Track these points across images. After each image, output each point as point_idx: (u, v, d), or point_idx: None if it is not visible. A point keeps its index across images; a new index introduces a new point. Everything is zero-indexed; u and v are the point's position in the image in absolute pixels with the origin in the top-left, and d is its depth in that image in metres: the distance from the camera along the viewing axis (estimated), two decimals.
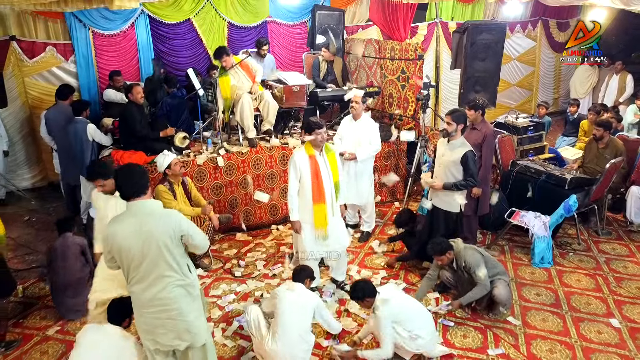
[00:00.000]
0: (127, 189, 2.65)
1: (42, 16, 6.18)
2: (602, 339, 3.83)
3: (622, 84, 8.80)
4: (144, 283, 2.67)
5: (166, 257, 2.64)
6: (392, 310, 3.38)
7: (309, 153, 4.05)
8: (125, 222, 2.65)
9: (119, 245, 2.61)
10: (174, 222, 2.68)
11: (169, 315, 2.71)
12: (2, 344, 3.81)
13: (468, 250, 3.97)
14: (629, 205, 5.57)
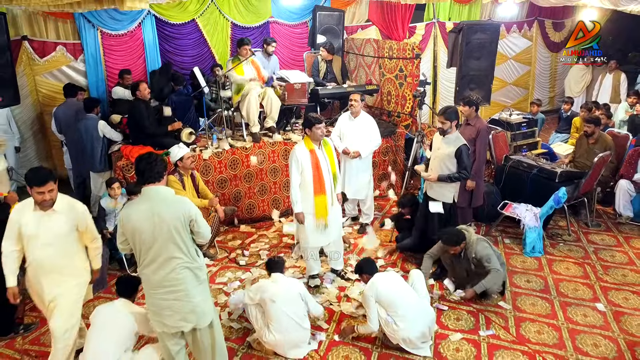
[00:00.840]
0: (146, 174, 2.87)
1: (53, 17, 6.41)
2: (587, 321, 4.06)
3: (616, 83, 9.02)
4: (154, 264, 2.87)
5: (176, 239, 2.84)
6: (375, 291, 3.64)
7: (309, 147, 4.27)
8: (140, 206, 2.87)
9: (132, 227, 2.83)
10: (184, 208, 2.89)
11: (176, 297, 2.90)
12: (21, 326, 4.03)
13: (480, 243, 4.20)
14: (618, 198, 5.80)
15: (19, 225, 3.11)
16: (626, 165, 5.82)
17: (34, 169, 3.18)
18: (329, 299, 4.41)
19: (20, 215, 3.13)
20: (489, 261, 4.12)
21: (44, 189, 3.03)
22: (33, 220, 3.12)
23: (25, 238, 3.14)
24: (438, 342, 3.82)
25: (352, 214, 5.89)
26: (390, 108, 6.97)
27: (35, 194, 3.04)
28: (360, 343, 3.82)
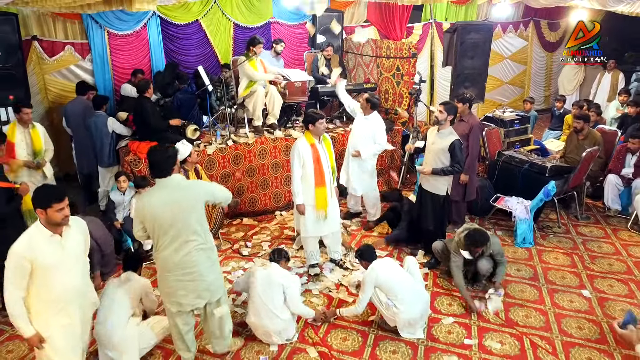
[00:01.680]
0: (160, 166, 3.10)
1: (61, 17, 6.62)
2: (573, 306, 4.29)
3: (615, 82, 9.22)
4: (172, 248, 3.10)
5: (192, 222, 3.10)
6: (374, 275, 3.85)
7: (310, 142, 4.50)
8: (156, 194, 3.11)
9: (152, 214, 3.05)
10: (196, 191, 3.17)
11: (191, 277, 3.16)
12: None
13: (494, 239, 4.42)
14: (606, 192, 6.02)
15: (30, 263, 2.69)
16: (614, 160, 6.04)
17: (44, 188, 2.86)
18: (328, 286, 4.63)
19: (30, 250, 2.69)
20: (502, 255, 4.42)
21: (64, 204, 2.73)
22: (51, 248, 2.76)
23: (41, 273, 2.73)
24: (431, 325, 4.05)
25: (354, 210, 6.08)
26: (387, 106, 7.19)
27: (55, 212, 2.69)
28: (357, 326, 4.05)
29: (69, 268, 2.83)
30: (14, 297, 2.72)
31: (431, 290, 4.55)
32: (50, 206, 2.68)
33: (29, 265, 2.69)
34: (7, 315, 4.10)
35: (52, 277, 2.76)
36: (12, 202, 3.98)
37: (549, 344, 3.81)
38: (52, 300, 2.81)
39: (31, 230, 2.78)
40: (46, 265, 2.72)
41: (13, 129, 5.08)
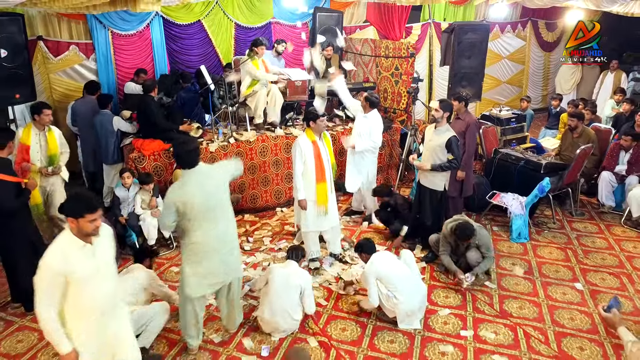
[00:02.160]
0: (188, 158, 3.33)
1: (66, 17, 6.74)
2: (566, 298, 4.41)
3: (617, 82, 9.33)
4: (213, 227, 3.37)
5: (224, 202, 3.46)
6: (374, 268, 3.98)
7: (311, 139, 4.63)
8: (190, 183, 3.31)
9: (191, 202, 3.25)
10: (221, 173, 3.49)
11: (230, 252, 3.52)
12: None
13: (482, 231, 4.56)
14: (601, 189, 6.15)
15: (64, 277, 2.54)
16: (608, 157, 6.16)
17: (77, 197, 2.67)
18: (328, 279, 4.76)
19: (65, 263, 2.54)
20: (488, 250, 4.54)
21: (97, 215, 2.60)
22: (84, 259, 2.62)
23: (76, 285, 2.58)
24: (428, 317, 4.17)
25: (355, 207, 6.19)
26: (386, 105, 7.32)
27: (87, 223, 2.55)
28: (356, 317, 4.17)
29: (102, 277, 2.71)
30: (49, 314, 2.56)
31: (428, 283, 4.68)
32: (83, 216, 2.54)
33: (64, 279, 2.53)
34: (16, 307, 4.29)
35: (87, 289, 2.62)
36: (20, 196, 4.07)
37: (542, 334, 3.94)
38: (87, 312, 2.67)
39: (62, 240, 2.61)
40: (81, 277, 2.58)
41: (29, 131, 4.85)
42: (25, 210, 4.23)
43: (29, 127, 4.87)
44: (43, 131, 4.92)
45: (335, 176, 4.87)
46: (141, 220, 5.18)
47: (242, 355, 3.74)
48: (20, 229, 4.11)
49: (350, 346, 3.83)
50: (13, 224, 4.04)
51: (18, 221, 4.08)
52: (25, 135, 4.79)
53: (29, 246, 4.18)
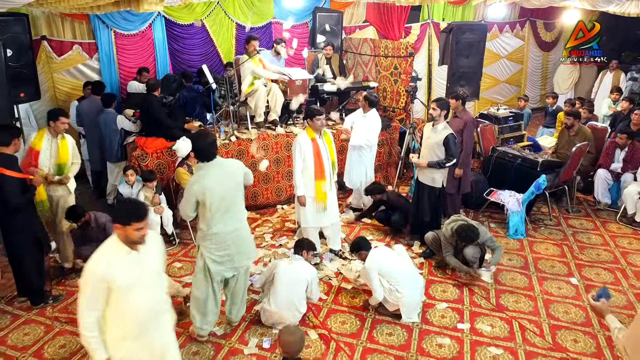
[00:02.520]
0: (206, 152, 3.48)
1: (69, 17, 6.84)
2: (561, 293, 4.51)
3: (617, 82, 9.43)
4: (227, 217, 3.55)
5: (240, 194, 3.65)
6: (376, 263, 4.07)
7: (311, 136, 4.72)
8: (209, 175, 3.47)
9: (210, 193, 3.42)
10: (240, 166, 3.69)
11: (245, 241, 3.74)
12: (51, 297, 4.47)
13: (481, 228, 4.61)
14: (597, 187, 6.24)
15: (107, 284, 2.46)
16: (604, 155, 6.26)
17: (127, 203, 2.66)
18: (328, 274, 4.85)
19: (109, 270, 2.47)
20: (493, 241, 4.65)
21: (144, 223, 2.53)
22: (129, 266, 2.54)
23: (119, 293, 2.51)
24: (425, 310, 4.26)
25: (356, 205, 6.28)
26: (385, 104, 7.41)
27: (134, 231, 2.49)
28: (356, 311, 4.27)
29: (146, 285, 2.62)
30: (91, 321, 2.50)
31: (426, 278, 4.76)
32: (130, 224, 2.47)
33: (106, 286, 2.46)
34: (22, 301, 4.38)
35: (129, 297, 2.54)
36: (26, 193, 4.14)
37: (537, 327, 4.03)
38: (130, 322, 2.60)
39: (107, 246, 2.56)
40: (125, 285, 2.50)
41: (41, 136, 4.68)
42: (30, 207, 4.30)
43: (42, 132, 4.70)
44: (56, 138, 4.72)
45: (334, 174, 4.94)
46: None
47: (243, 348, 3.83)
48: (26, 225, 4.20)
49: (349, 338, 3.92)
50: (19, 220, 4.12)
51: (23, 217, 4.16)
52: (37, 140, 4.64)
53: (34, 242, 4.27)
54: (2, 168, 3.96)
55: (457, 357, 3.71)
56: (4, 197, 3.98)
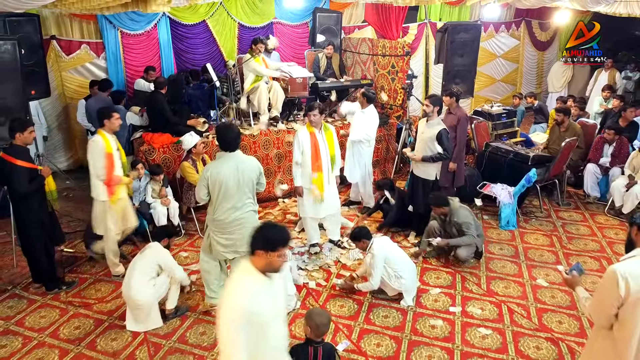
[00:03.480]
0: (230, 143, 3.76)
1: (78, 18, 7.09)
2: (548, 279, 4.75)
3: (612, 81, 9.67)
4: (233, 207, 3.81)
5: (251, 187, 3.86)
6: (384, 250, 4.32)
7: (310, 131, 4.96)
8: (225, 165, 3.76)
9: (220, 180, 3.71)
10: (257, 164, 3.93)
11: (247, 229, 3.77)
12: (64, 284, 4.71)
13: (462, 210, 4.87)
14: (586, 180, 6.48)
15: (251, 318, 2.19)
16: (593, 150, 6.50)
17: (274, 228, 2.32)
18: (327, 262, 5.09)
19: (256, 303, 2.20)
20: (468, 228, 4.83)
21: (286, 248, 2.32)
22: (269, 297, 2.30)
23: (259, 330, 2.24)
24: (420, 295, 4.50)
25: (354, 199, 6.52)
26: (383, 101, 7.64)
27: (277, 258, 2.26)
28: (354, 295, 4.50)
29: (281, 317, 2.44)
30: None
31: (421, 266, 5.01)
32: (276, 249, 2.24)
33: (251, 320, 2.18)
34: (37, 287, 4.61)
35: (269, 334, 2.31)
36: (33, 182, 4.31)
37: (525, 310, 4.27)
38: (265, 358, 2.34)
39: (246, 279, 2.28)
40: (267, 320, 2.27)
41: (105, 139, 4.48)
42: (39, 195, 4.44)
43: (103, 134, 4.51)
44: (114, 137, 4.65)
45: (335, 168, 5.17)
46: (152, 209, 5.50)
47: None
48: (35, 212, 4.36)
49: (347, 320, 4.16)
50: (28, 207, 4.33)
51: (32, 204, 4.33)
52: (107, 144, 4.49)
53: (43, 229, 4.47)
54: (12, 158, 4.19)
55: (448, 337, 3.95)
56: (13, 184, 4.21)
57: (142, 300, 3.95)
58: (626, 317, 2.30)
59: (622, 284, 2.27)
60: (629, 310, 2.29)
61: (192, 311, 4.29)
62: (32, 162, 4.43)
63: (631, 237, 2.46)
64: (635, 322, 2.28)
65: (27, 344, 3.91)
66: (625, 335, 2.33)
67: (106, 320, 4.20)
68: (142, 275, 4.01)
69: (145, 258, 4.11)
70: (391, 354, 3.75)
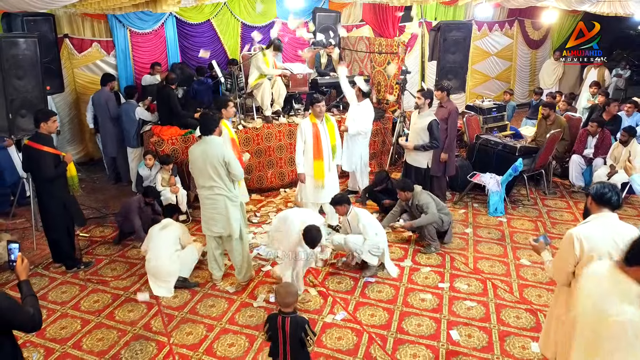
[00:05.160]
0: (206, 126, 4.24)
1: (89, 17, 7.46)
2: (531, 259, 5.12)
3: (601, 78, 10.05)
4: (204, 186, 4.29)
5: (215, 171, 4.20)
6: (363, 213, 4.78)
7: (312, 121, 5.34)
8: (198, 147, 4.26)
9: (192, 160, 4.28)
10: (220, 152, 4.20)
11: (217, 211, 4.32)
12: (82, 264, 5.08)
13: (423, 194, 5.23)
14: (571, 171, 6.85)
15: None
16: (577, 142, 6.87)
17: None
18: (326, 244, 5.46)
19: None
20: (427, 207, 5.16)
21: None
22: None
23: None
24: (411, 274, 4.88)
25: (352, 188, 6.89)
26: (380, 96, 8.02)
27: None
28: (350, 273, 4.88)
29: None
30: None
31: (413, 248, 5.38)
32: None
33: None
34: (57, 267, 4.98)
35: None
36: (58, 167, 4.69)
37: (507, 286, 4.65)
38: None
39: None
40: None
41: (227, 126, 5.16)
42: (62, 180, 4.84)
43: (224, 123, 5.00)
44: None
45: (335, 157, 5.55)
46: (162, 196, 5.87)
47: (253, 302, 4.44)
48: (58, 194, 4.74)
49: (344, 294, 4.54)
50: (52, 189, 4.70)
51: (56, 187, 4.71)
52: (229, 130, 5.21)
53: (65, 211, 4.84)
54: (39, 144, 4.57)
55: (437, 308, 4.32)
56: (41, 169, 4.58)
57: (172, 269, 4.51)
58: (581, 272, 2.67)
59: (577, 244, 2.63)
60: (584, 267, 2.65)
61: (202, 287, 4.66)
62: (56, 149, 4.81)
63: (587, 206, 2.82)
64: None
65: (51, 315, 4.28)
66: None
67: (123, 295, 4.58)
68: (169, 247, 4.54)
69: (169, 232, 4.62)
70: (384, 323, 4.12)
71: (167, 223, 4.70)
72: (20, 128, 5.17)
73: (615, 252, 2.58)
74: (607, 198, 2.68)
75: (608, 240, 2.60)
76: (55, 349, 3.84)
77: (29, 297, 2.44)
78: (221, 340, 3.93)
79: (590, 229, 2.68)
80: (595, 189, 2.74)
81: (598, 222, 2.70)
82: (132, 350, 3.82)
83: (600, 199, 2.70)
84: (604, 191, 2.69)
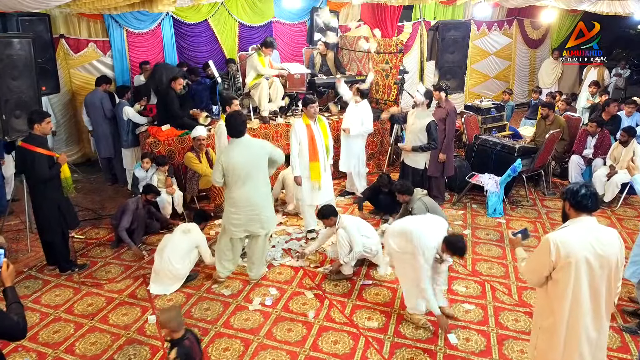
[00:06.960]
0: (237, 128, 4.23)
1: (85, 17, 7.40)
2: None
3: (600, 78, 10.01)
4: (244, 187, 4.28)
5: (260, 169, 4.32)
6: (353, 220, 4.76)
7: (306, 123, 5.29)
8: (235, 150, 4.26)
9: (233, 163, 4.19)
10: (263, 146, 4.39)
11: (259, 211, 4.40)
12: (76, 266, 5.03)
13: (418, 202, 5.11)
14: (571, 171, 6.80)
15: None
16: (577, 142, 6.82)
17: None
18: (323, 246, 5.39)
19: None
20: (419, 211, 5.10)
21: None
22: None
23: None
24: None
25: (349, 189, 6.84)
26: (378, 97, 7.97)
27: None
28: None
29: None
30: None
31: None
32: None
33: None
34: (51, 269, 4.91)
35: None
36: (52, 168, 4.65)
37: (506, 288, 4.60)
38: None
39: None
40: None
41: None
42: (56, 181, 4.78)
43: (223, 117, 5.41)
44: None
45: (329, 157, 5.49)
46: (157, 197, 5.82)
47: (248, 305, 4.39)
48: (52, 196, 4.70)
49: (341, 297, 4.49)
50: (46, 190, 4.65)
51: (49, 188, 4.66)
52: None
53: (59, 212, 4.79)
54: (33, 146, 4.51)
55: None
56: (34, 170, 4.53)
57: (181, 274, 4.57)
58: (559, 277, 2.61)
59: (554, 249, 2.58)
60: (561, 272, 2.59)
61: (197, 290, 4.62)
62: (50, 151, 4.76)
63: (565, 210, 2.76)
64: (567, 282, 2.59)
65: (45, 319, 4.23)
66: (558, 293, 2.64)
67: (117, 298, 4.53)
68: (184, 254, 4.55)
69: (191, 238, 4.63)
70: (381, 326, 4.07)
71: (192, 229, 4.73)
72: (14, 129, 5.10)
73: (593, 257, 2.55)
74: (584, 204, 2.61)
75: (585, 245, 2.55)
76: (48, 354, 3.79)
77: (14, 304, 2.40)
78: (215, 344, 3.88)
79: (568, 234, 2.62)
80: (570, 194, 2.64)
81: (575, 227, 2.63)
82: (126, 355, 3.77)
83: (578, 205, 2.63)
84: (580, 197, 2.60)
